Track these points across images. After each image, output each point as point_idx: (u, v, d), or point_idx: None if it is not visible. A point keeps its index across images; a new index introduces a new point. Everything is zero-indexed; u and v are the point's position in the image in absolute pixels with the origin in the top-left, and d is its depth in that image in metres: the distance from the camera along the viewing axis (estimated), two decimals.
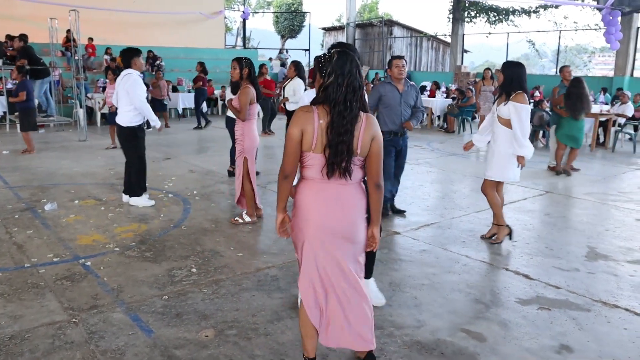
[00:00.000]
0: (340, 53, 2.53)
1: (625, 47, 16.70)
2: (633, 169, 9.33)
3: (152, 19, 19.44)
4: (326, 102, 2.50)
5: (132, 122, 6.03)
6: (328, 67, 2.51)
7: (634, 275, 4.43)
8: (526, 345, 3.26)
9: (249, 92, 5.50)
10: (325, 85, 2.50)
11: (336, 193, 2.58)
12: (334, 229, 2.59)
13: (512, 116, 4.84)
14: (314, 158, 2.54)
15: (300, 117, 2.52)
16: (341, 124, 2.46)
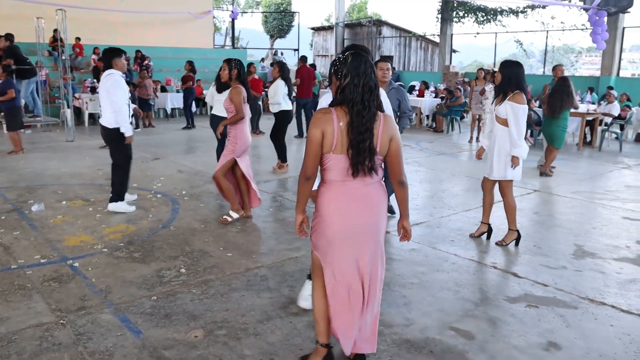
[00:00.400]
0: (354, 54, 2.58)
1: (612, 47, 16.85)
2: (619, 168, 9.42)
3: (140, 19, 19.32)
4: (344, 103, 2.54)
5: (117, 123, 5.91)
6: (343, 69, 2.54)
7: (620, 272, 4.47)
8: (514, 342, 3.28)
9: (241, 92, 5.51)
10: (342, 86, 2.54)
11: (360, 192, 2.62)
12: (361, 228, 2.65)
13: (508, 116, 4.84)
14: (334, 159, 2.58)
15: (319, 119, 2.55)
16: (361, 123, 2.52)
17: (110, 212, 5.90)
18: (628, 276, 4.39)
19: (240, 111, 5.48)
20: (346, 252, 2.67)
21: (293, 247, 4.89)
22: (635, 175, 8.83)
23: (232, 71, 5.58)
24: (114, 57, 5.86)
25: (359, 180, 2.60)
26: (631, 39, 71.84)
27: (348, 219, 2.63)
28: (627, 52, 23.00)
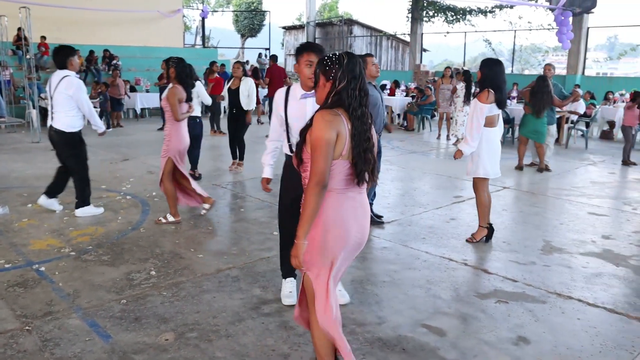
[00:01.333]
0: (350, 56, 2.45)
1: (577, 46, 17.24)
2: (585, 164, 9.64)
3: (107, 17, 18.98)
4: (339, 107, 2.40)
5: (74, 126, 5.60)
6: (338, 71, 2.39)
7: (587, 266, 4.57)
8: (485, 338, 3.32)
9: (177, 92, 5.48)
10: (337, 90, 2.40)
11: (358, 201, 2.52)
12: (361, 238, 2.56)
13: (470, 111, 4.96)
14: (340, 166, 2.41)
15: (331, 121, 2.35)
16: (363, 129, 2.41)
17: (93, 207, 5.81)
18: (594, 270, 4.49)
19: (175, 112, 5.46)
20: (341, 264, 2.57)
21: (265, 247, 4.86)
22: (600, 171, 9.04)
23: (169, 70, 5.59)
24: (69, 56, 5.60)
25: (357, 188, 2.48)
26: (595, 39, 73.73)
27: (352, 231, 2.50)
28: (591, 52, 23.55)
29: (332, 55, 2.45)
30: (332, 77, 2.41)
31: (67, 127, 5.55)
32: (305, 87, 3.40)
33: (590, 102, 13.22)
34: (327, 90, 2.44)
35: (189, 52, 22.76)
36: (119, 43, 18.95)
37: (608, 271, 4.49)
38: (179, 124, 5.57)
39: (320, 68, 2.47)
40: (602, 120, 13.32)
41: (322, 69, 2.45)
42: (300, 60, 3.34)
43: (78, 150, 5.68)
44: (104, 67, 17.72)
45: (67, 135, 5.56)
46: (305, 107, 3.40)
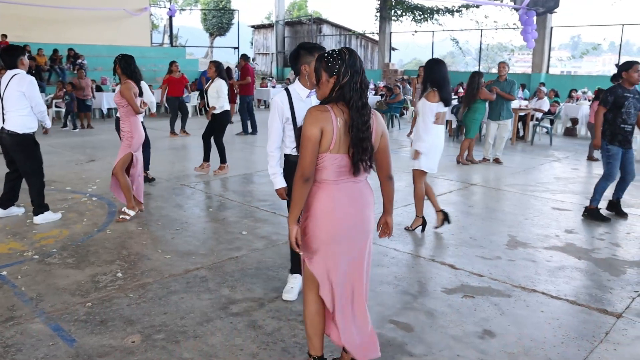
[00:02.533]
0: (351, 51, 2.52)
1: (541, 45, 17.61)
2: (550, 161, 9.85)
3: (72, 15, 18.61)
4: (341, 101, 2.48)
5: (29, 127, 5.34)
6: (342, 66, 2.46)
7: (550, 260, 4.68)
8: (451, 332, 3.37)
9: (131, 87, 5.54)
10: (340, 84, 2.46)
11: (355, 191, 2.59)
12: (358, 226, 2.62)
13: (419, 111, 5.23)
14: (330, 159, 2.50)
15: (318, 117, 2.46)
16: (362, 121, 2.48)
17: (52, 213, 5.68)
18: (557, 264, 4.60)
19: (134, 105, 5.54)
20: (344, 253, 2.61)
21: (233, 247, 4.84)
22: (564, 167, 9.26)
23: (115, 67, 5.63)
24: (19, 55, 5.36)
25: (353, 178, 2.56)
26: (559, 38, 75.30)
27: (343, 219, 2.56)
28: (555, 51, 24.06)
29: (332, 52, 2.51)
30: (335, 73, 2.47)
31: (21, 128, 5.28)
32: (311, 85, 3.47)
33: (554, 99, 13.51)
34: (330, 86, 2.50)
35: (156, 51, 22.50)
36: (84, 42, 18.60)
37: (571, 264, 4.60)
38: (137, 119, 5.65)
39: (322, 65, 2.52)
40: (565, 118, 13.64)
41: (324, 66, 2.51)
42: (312, 62, 3.31)
43: (34, 153, 5.43)
44: (69, 66, 17.36)
45: (21, 137, 5.29)
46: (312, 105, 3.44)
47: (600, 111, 5.83)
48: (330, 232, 2.57)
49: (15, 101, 5.26)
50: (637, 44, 69.64)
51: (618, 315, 3.66)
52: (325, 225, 2.56)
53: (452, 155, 9.89)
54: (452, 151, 10.81)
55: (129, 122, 5.62)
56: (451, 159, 9.62)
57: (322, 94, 2.55)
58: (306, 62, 3.44)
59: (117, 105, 5.69)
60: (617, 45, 17.94)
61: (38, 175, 5.50)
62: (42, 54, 16.59)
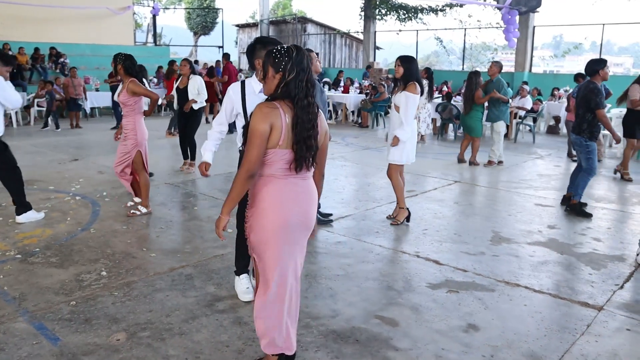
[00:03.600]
0: (299, 49, 2.52)
1: (524, 44, 17.76)
2: (533, 158, 9.96)
3: (54, 13, 18.37)
4: (286, 98, 2.48)
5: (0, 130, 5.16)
6: (288, 63, 2.45)
7: (533, 255, 4.74)
8: (436, 327, 3.40)
9: (138, 83, 5.57)
10: (286, 81, 2.46)
11: (300, 187, 2.60)
12: (303, 222, 2.63)
13: (401, 103, 5.28)
14: (277, 154, 2.50)
15: (267, 113, 2.45)
16: (307, 119, 2.49)
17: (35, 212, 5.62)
18: (540, 258, 4.66)
19: (152, 93, 5.62)
20: (288, 248, 2.62)
21: (218, 244, 4.83)
22: (547, 164, 9.37)
23: (117, 67, 5.63)
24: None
25: (299, 175, 2.57)
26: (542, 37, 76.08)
27: (291, 213, 2.57)
28: (538, 50, 24.31)
29: (281, 48, 2.50)
30: (281, 69, 2.47)
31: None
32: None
33: (537, 98, 13.65)
34: (276, 82, 2.49)
35: (140, 50, 22.32)
36: (66, 41, 18.38)
37: (553, 259, 4.66)
38: (141, 117, 5.68)
39: (269, 60, 2.50)
40: (548, 116, 13.79)
41: (271, 61, 2.49)
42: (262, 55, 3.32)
43: (7, 155, 5.27)
44: (51, 65, 17.17)
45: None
46: None
47: (603, 114, 5.84)
48: (277, 226, 2.56)
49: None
50: (618, 44, 70.65)
51: (599, 308, 3.72)
52: (272, 219, 2.55)
53: (436, 153, 9.96)
54: (437, 149, 10.89)
55: (133, 120, 5.61)
56: (435, 156, 9.69)
57: (267, 89, 2.55)
58: (260, 56, 3.37)
59: (122, 104, 5.61)
60: (598, 44, 18.16)
61: (11, 177, 5.34)
62: (23, 52, 16.37)
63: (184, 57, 23.65)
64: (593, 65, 5.98)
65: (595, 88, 5.85)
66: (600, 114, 5.83)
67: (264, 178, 2.56)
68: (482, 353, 3.10)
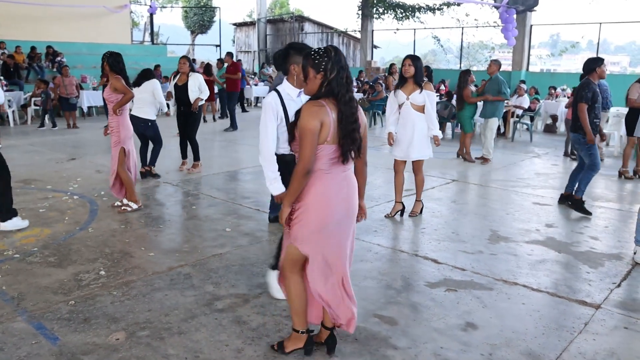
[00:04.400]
0: (336, 49, 2.69)
1: (521, 43, 17.79)
2: (530, 157, 9.98)
3: (51, 12, 18.32)
4: (330, 96, 2.64)
5: None
6: (328, 63, 2.62)
7: (531, 254, 4.75)
8: (435, 325, 3.41)
9: (121, 80, 5.61)
10: (328, 80, 2.63)
11: (344, 179, 2.77)
12: (349, 211, 2.81)
13: (426, 102, 5.46)
14: (325, 149, 2.66)
15: (317, 111, 2.61)
16: (350, 113, 2.67)
17: (22, 215, 5.57)
18: (538, 257, 4.68)
19: (128, 91, 5.61)
20: (339, 238, 2.81)
21: (217, 244, 4.83)
22: (544, 163, 9.39)
23: (103, 64, 5.68)
24: None
25: (342, 167, 2.73)
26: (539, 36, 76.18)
27: (339, 205, 2.74)
28: (535, 49, 24.36)
29: (319, 50, 2.68)
30: (322, 69, 2.64)
31: None
32: (299, 85, 3.48)
33: (534, 96, 13.68)
34: (318, 82, 2.67)
35: (137, 48, 22.30)
36: (63, 39, 18.34)
37: (551, 258, 4.68)
38: (125, 114, 5.72)
39: (309, 62, 2.68)
40: (545, 114, 13.81)
41: (311, 63, 2.67)
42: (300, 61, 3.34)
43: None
44: (48, 64, 17.12)
45: None
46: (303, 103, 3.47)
47: (583, 108, 5.87)
48: (324, 218, 2.72)
49: None
50: (614, 42, 70.80)
51: (597, 306, 3.73)
52: (320, 212, 2.71)
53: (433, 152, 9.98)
54: (434, 147, 10.86)
55: (116, 117, 5.65)
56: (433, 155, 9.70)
57: (310, 90, 2.72)
58: (295, 62, 3.42)
59: (107, 101, 5.70)
60: (595, 43, 18.20)
61: (6, 179, 5.15)
62: (20, 51, 16.33)
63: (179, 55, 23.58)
64: (590, 63, 6.03)
65: (587, 83, 5.91)
66: (580, 107, 5.90)
67: (313, 173, 2.70)
68: (481, 351, 3.11)
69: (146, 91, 7.10)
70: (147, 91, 7.11)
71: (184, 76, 7.86)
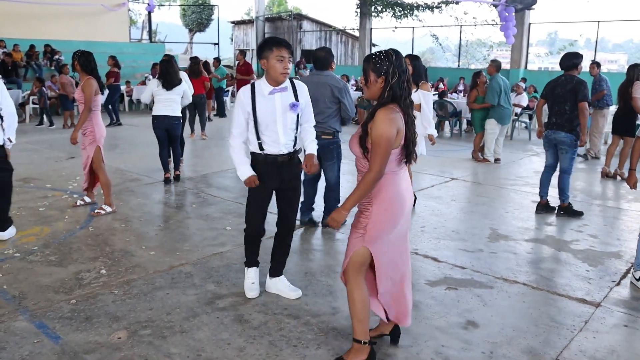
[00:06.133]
0: (396, 52, 2.70)
1: (519, 42, 17.80)
2: (529, 155, 10.00)
3: (49, 10, 18.27)
4: (394, 101, 2.67)
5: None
6: (390, 67, 2.63)
7: (531, 252, 4.77)
8: (436, 324, 3.43)
9: (92, 84, 5.56)
10: (391, 84, 2.65)
11: (405, 179, 2.87)
12: (410, 209, 2.91)
13: (422, 102, 5.57)
14: (394, 153, 2.71)
15: (394, 118, 2.63)
16: (411, 116, 2.74)
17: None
18: (537, 255, 4.69)
19: (87, 104, 5.53)
20: (405, 235, 2.93)
21: (218, 242, 4.84)
22: (542, 161, 9.29)
23: (74, 63, 5.63)
24: None
25: (404, 166, 2.82)
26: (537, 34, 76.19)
27: (407, 203, 2.84)
28: (533, 47, 24.36)
29: (380, 53, 2.69)
30: (383, 73, 2.65)
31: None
32: (274, 82, 3.40)
33: (533, 95, 13.69)
34: (379, 86, 2.68)
35: (135, 47, 22.27)
36: (61, 37, 18.29)
37: (551, 256, 4.70)
38: (97, 114, 5.69)
39: (369, 66, 2.69)
40: (544, 113, 13.81)
41: (372, 67, 2.68)
42: (270, 56, 3.31)
43: (7, 164, 4.93)
44: (46, 62, 17.09)
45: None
46: (275, 103, 3.42)
47: (586, 107, 5.62)
48: (399, 216, 2.80)
49: None
50: (612, 41, 70.88)
51: (597, 304, 3.75)
52: (395, 211, 2.77)
53: (432, 150, 9.99)
54: (433, 146, 10.86)
55: (90, 117, 5.61)
56: (431, 154, 9.71)
57: (371, 94, 2.75)
58: (263, 56, 3.35)
59: (78, 101, 5.68)
60: (593, 41, 18.22)
61: (9, 185, 4.97)
62: (18, 49, 16.29)
63: (178, 54, 23.53)
64: (572, 58, 5.79)
65: (582, 82, 5.67)
66: (583, 107, 5.60)
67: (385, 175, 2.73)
68: (482, 349, 3.12)
69: (178, 93, 6.91)
70: (179, 92, 6.93)
71: None
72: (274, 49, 3.31)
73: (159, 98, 6.80)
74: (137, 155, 8.97)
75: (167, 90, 6.72)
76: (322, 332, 3.28)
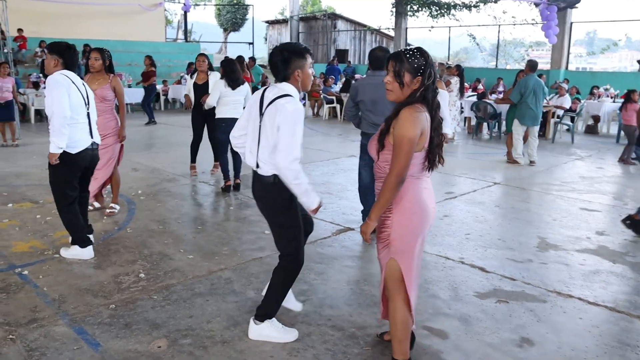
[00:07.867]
0: (428, 54, 2.58)
1: (560, 41, 17.31)
2: (573, 159, 9.64)
3: (86, 10, 18.57)
4: (423, 102, 2.55)
5: None
6: (427, 68, 2.52)
7: (584, 264, 4.52)
8: (488, 340, 3.24)
9: (120, 82, 5.55)
10: (425, 85, 2.53)
11: (429, 183, 2.74)
12: (433, 218, 2.79)
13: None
14: (418, 157, 2.58)
15: (419, 119, 2.50)
16: (438, 118, 2.61)
17: None
18: (591, 267, 4.44)
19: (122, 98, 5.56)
20: (423, 242, 2.80)
21: (257, 247, 4.73)
22: (588, 166, 9.04)
23: (104, 61, 5.52)
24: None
25: (427, 173, 2.69)
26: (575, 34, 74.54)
27: (430, 213, 2.71)
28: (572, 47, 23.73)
29: (413, 52, 2.53)
30: (420, 74, 2.52)
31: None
32: (306, 89, 3.08)
33: (575, 96, 13.26)
34: (414, 87, 2.54)
35: (171, 46, 22.49)
36: (98, 37, 18.53)
37: (605, 268, 4.44)
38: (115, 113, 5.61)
39: (404, 65, 2.51)
40: (587, 115, 13.38)
41: (408, 67, 2.51)
42: (305, 65, 2.94)
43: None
44: (84, 61, 17.35)
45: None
46: None
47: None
48: (424, 225, 2.68)
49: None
50: None
51: None
52: (420, 219, 2.66)
53: (471, 153, 9.74)
54: (471, 149, 10.63)
55: (114, 117, 5.51)
56: (470, 156, 9.45)
57: (399, 96, 2.57)
58: (299, 66, 2.95)
59: (102, 100, 5.35)
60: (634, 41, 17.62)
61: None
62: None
63: (212, 53, 23.59)
64: None
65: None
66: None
67: (407, 180, 2.60)
68: None
69: (242, 93, 6.65)
70: (243, 93, 6.67)
71: (202, 75, 7.30)
72: (307, 55, 2.97)
73: (226, 100, 6.49)
74: (174, 155, 8.96)
75: (233, 89, 6.49)
76: (367, 346, 3.13)
